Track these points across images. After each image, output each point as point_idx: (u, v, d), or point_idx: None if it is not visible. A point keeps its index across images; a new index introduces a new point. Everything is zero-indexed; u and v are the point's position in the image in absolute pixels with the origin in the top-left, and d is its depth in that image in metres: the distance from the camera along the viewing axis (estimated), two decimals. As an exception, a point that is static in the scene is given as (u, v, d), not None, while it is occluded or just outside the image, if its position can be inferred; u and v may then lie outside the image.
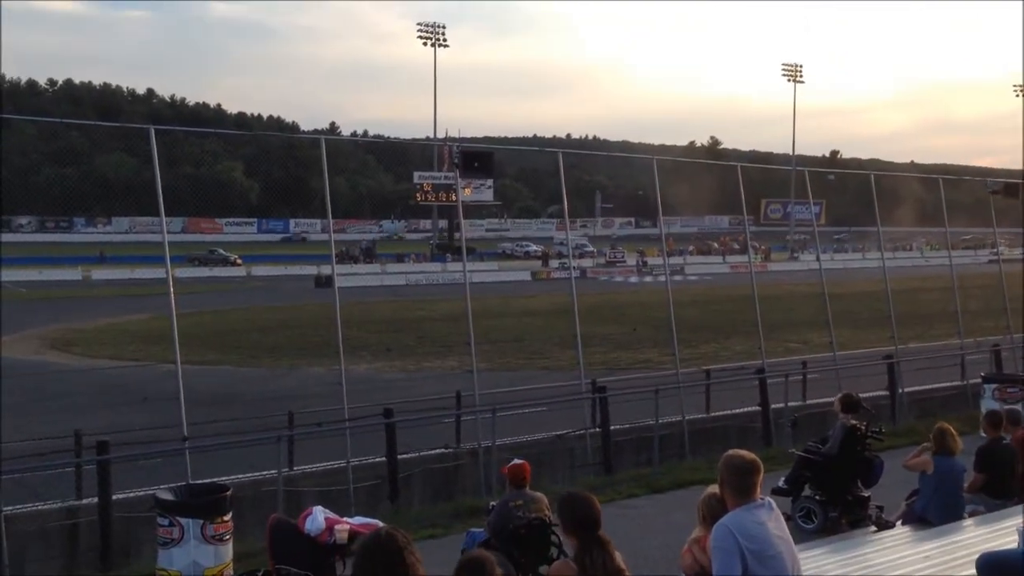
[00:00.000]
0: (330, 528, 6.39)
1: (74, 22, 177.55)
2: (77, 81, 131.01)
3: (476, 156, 15.25)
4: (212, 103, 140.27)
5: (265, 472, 11.58)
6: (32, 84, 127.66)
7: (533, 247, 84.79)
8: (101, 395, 20.64)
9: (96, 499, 10.19)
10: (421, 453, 13.17)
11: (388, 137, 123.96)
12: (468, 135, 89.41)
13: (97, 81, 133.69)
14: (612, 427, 14.20)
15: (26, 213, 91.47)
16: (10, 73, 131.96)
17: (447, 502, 12.11)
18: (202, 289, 43.40)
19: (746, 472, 4.45)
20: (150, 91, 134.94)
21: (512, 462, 7.58)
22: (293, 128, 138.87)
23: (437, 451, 13.43)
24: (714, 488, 4.84)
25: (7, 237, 73.76)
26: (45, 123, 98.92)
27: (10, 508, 10.01)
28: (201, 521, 7.97)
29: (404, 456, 12.54)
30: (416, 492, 12.78)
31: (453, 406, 14.57)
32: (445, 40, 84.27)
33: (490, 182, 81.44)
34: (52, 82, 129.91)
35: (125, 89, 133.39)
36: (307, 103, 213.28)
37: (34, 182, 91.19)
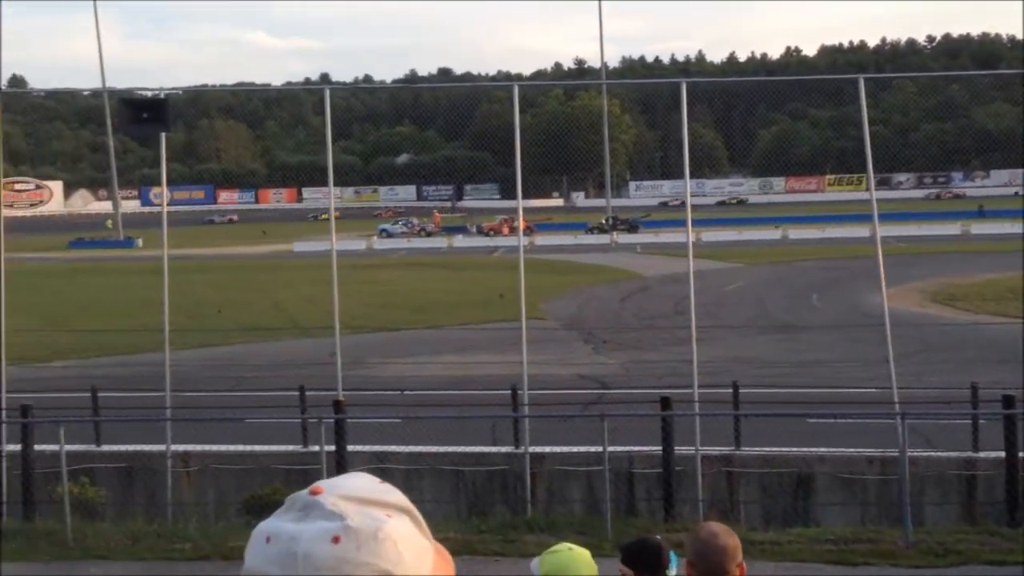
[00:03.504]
0: None
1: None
2: (955, 35, 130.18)
3: None
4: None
5: None
6: (911, 42, 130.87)
7: None
8: (986, 350, 20.36)
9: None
10: None
11: None
12: None
13: (975, 32, 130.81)
14: None
15: (905, 170, 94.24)
16: (881, 36, 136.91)
17: None
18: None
19: None
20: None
21: None
22: None
23: None
24: None
25: (888, 194, 77.33)
26: (925, 79, 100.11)
27: (912, 451, 10.56)
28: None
29: None
30: None
31: None
32: None
33: None
34: (931, 38, 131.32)
35: (1004, 36, 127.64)
36: None
37: (913, 139, 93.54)
